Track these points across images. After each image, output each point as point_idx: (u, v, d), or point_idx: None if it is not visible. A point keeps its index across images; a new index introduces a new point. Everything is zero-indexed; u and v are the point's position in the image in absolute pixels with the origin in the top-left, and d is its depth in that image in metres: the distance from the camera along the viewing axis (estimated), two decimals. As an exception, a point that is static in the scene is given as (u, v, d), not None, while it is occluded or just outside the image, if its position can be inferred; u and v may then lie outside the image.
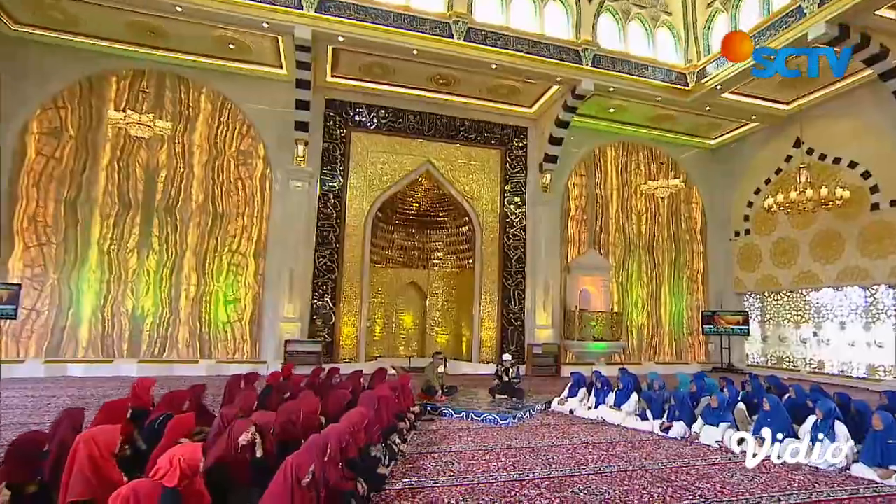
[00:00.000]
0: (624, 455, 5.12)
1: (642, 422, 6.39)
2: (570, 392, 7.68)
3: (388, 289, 14.00)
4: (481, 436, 5.78)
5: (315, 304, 11.33)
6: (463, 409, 6.80)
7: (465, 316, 13.57)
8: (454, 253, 14.14)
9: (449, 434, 5.81)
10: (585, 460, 4.90)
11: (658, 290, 14.28)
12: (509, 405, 7.23)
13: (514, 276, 12.86)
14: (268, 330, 11.00)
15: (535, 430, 6.17)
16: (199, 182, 11.08)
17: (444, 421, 6.58)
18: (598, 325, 12.62)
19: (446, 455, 4.88)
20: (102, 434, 3.08)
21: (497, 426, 6.35)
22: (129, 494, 2.50)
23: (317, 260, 11.44)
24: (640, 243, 14.20)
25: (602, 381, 7.31)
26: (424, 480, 4.15)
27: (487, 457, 4.86)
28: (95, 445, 3.02)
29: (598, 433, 6.14)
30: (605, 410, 6.89)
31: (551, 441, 5.66)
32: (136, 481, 2.64)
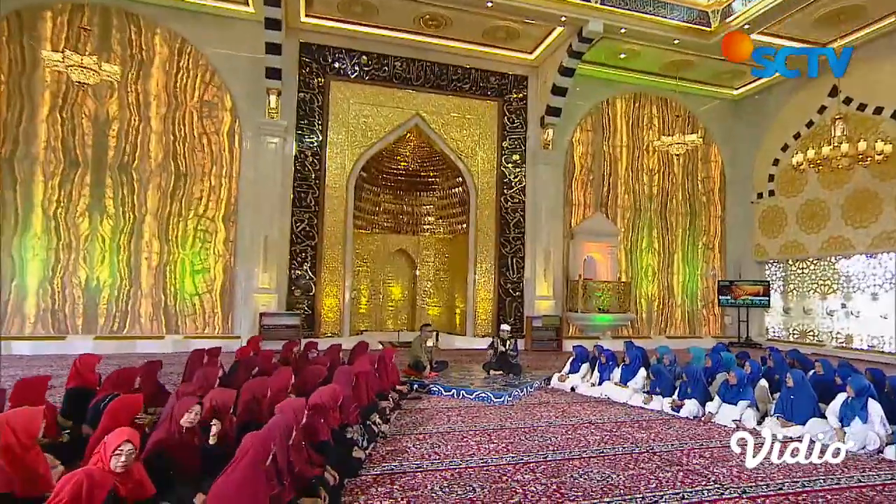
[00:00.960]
0: (630, 436, 5.08)
1: (651, 399, 6.35)
2: (572, 367, 7.65)
3: (374, 257, 13.95)
4: (472, 415, 5.75)
5: (293, 274, 11.19)
6: (453, 386, 6.77)
7: (458, 286, 13.51)
8: (446, 217, 14.02)
9: (437, 413, 5.78)
10: (587, 442, 4.85)
11: (670, 257, 14.22)
12: (505, 382, 7.20)
13: (512, 243, 12.75)
14: (241, 302, 10.86)
15: (532, 409, 6.13)
16: (158, 137, 10.67)
17: (433, 399, 6.55)
18: (604, 295, 12.57)
19: (432, 436, 4.83)
20: (19, 418, 2.85)
21: (490, 405, 6.31)
22: (82, 481, 2.31)
23: (294, 225, 11.23)
24: (651, 206, 14.05)
25: (607, 356, 7.25)
26: (406, 464, 4.07)
27: (478, 438, 4.80)
28: (11, 432, 2.78)
29: (601, 412, 6.10)
30: (610, 387, 6.85)
31: (550, 421, 5.62)
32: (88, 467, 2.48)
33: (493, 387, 6.78)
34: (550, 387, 7.52)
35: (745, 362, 6.46)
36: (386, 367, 6.74)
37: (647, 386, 6.65)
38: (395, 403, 6.01)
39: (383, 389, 6.19)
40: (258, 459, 2.87)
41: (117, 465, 2.73)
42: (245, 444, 2.91)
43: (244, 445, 2.90)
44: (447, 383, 6.97)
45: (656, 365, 6.75)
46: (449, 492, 3.54)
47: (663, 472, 4.05)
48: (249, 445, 2.90)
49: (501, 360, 7.85)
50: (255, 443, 2.92)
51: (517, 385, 6.96)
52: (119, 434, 2.81)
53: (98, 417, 3.75)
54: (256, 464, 2.87)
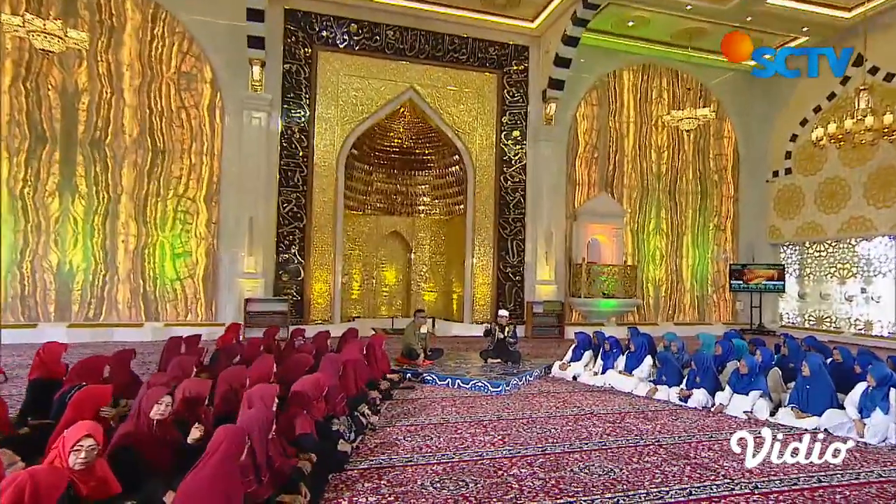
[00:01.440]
0: (634, 428, 5.04)
1: (657, 389, 6.30)
2: (574, 355, 7.61)
3: (366, 239, 13.93)
4: (468, 405, 5.72)
5: (280, 258, 11.12)
6: (448, 375, 6.75)
7: (455, 270, 13.50)
8: (443, 197, 13.96)
9: (430, 403, 5.75)
10: (588, 434, 4.80)
11: (679, 240, 14.19)
12: (503, 370, 7.17)
13: (512, 225, 12.68)
14: (225, 288, 10.81)
15: (531, 399, 6.11)
16: (132, 111, 10.47)
17: (426, 388, 6.53)
18: (609, 280, 12.55)
19: (425, 428, 4.80)
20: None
21: (487, 395, 6.28)
22: (25, 483, 2.18)
23: (281, 206, 11.13)
24: (659, 186, 13.97)
25: (611, 343, 7.20)
26: (396, 458, 4.02)
27: (473, 430, 4.78)
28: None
29: (604, 402, 6.07)
30: (614, 376, 6.80)
31: (549, 411, 5.59)
32: (33, 467, 2.36)
33: (490, 375, 6.75)
34: (551, 376, 7.50)
35: (757, 350, 6.45)
36: (376, 355, 6.74)
37: (654, 375, 6.62)
38: (386, 393, 5.98)
39: (373, 378, 6.15)
40: (231, 454, 2.78)
41: (76, 463, 2.62)
42: (217, 437, 2.81)
43: (216, 438, 2.80)
44: (442, 372, 6.93)
45: (663, 352, 6.71)
46: (440, 487, 3.48)
47: (669, 466, 3.99)
48: (222, 438, 2.80)
49: (499, 348, 7.81)
50: (228, 436, 2.82)
51: (515, 374, 6.92)
52: (78, 428, 2.70)
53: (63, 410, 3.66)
54: (230, 458, 2.77)
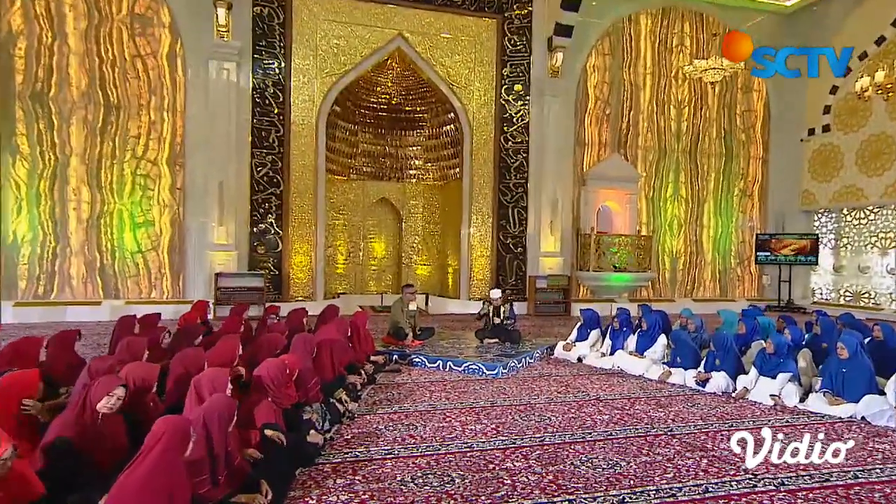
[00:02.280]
0: (644, 415, 4.99)
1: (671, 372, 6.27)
2: (579, 335, 7.55)
3: (352, 207, 13.84)
4: (460, 390, 5.71)
5: (255, 228, 11.03)
6: (439, 357, 6.77)
7: (451, 241, 13.48)
8: (436, 160, 13.85)
9: (417, 388, 5.75)
10: (593, 422, 4.75)
11: (700, 207, 14.14)
12: (500, 351, 7.18)
13: (513, 191, 12.58)
14: (193, 261, 10.73)
15: (529, 384, 6.09)
16: (79, 59, 10.13)
17: (415, 372, 6.55)
18: (621, 252, 12.53)
19: (410, 416, 4.78)
20: None
21: (482, 378, 6.27)
22: None
23: (255, 170, 10.98)
24: (679, 146, 13.84)
25: (621, 320, 7.17)
26: (375, 450, 3.96)
27: (464, 417, 4.76)
28: None
29: (611, 387, 6.06)
30: (624, 357, 6.77)
31: (550, 397, 5.56)
32: None
33: (485, 357, 6.76)
34: (553, 357, 7.50)
35: (785, 328, 6.37)
36: (359, 335, 6.65)
37: (668, 356, 6.57)
38: (369, 377, 5.93)
39: (355, 361, 6.07)
40: (173, 448, 2.61)
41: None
42: (157, 429, 2.66)
43: (155, 431, 2.65)
44: (432, 353, 6.93)
45: (678, 331, 6.66)
46: (422, 483, 3.41)
47: (683, 460, 3.91)
48: (162, 431, 2.64)
49: (497, 328, 7.85)
50: (169, 428, 2.66)
51: (514, 355, 6.90)
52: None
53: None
54: (171, 453, 2.61)
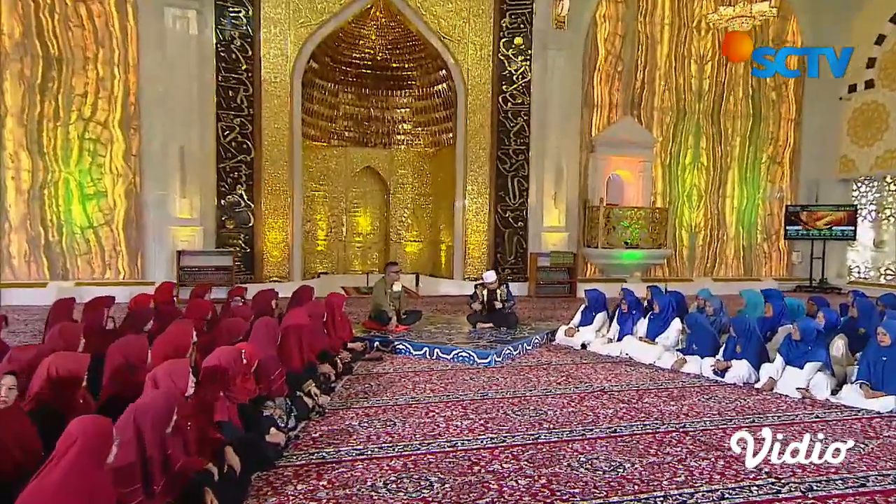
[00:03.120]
0: (654, 409, 4.93)
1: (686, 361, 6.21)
2: (584, 318, 7.55)
3: (333, 177, 13.86)
4: (447, 381, 5.69)
5: (223, 200, 10.98)
6: (426, 344, 6.77)
7: (444, 215, 13.52)
8: (427, 124, 13.85)
9: (399, 379, 5.74)
10: (595, 417, 4.68)
11: (723, 175, 14.07)
12: (494, 337, 7.19)
13: (513, 158, 12.51)
14: (153, 238, 10.71)
15: (526, 373, 6.07)
16: (10, 4, 9.92)
17: (398, 360, 6.56)
18: (633, 226, 12.52)
19: (388, 410, 4.76)
20: None
21: (473, 367, 6.26)
22: None
23: (221, 134, 10.88)
24: (700, 107, 13.73)
25: (630, 302, 7.13)
26: (345, 451, 3.88)
27: (449, 412, 4.73)
28: None
29: (619, 376, 6.02)
30: (633, 343, 6.73)
31: (548, 388, 5.52)
32: None
33: (477, 344, 6.77)
34: (555, 343, 7.52)
35: (817, 311, 6.33)
36: (334, 319, 6.65)
37: (682, 342, 6.53)
38: (345, 367, 5.91)
39: (330, 349, 6.03)
40: (90, 451, 2.42)
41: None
42: (71, 431, 2.49)
43: (69, 433, 2.49)
44: (418, 340, 6.93)
45: (694, 314, 6.61)
46: (395, 489, 3.33)
47: (697, 461, 3.82)
48: (77, 434, 2.48)
49: (492, 310, 7.84)
50: (85, 429, 2.49)
51: (509, 341, 6.91)
52: None
53: None
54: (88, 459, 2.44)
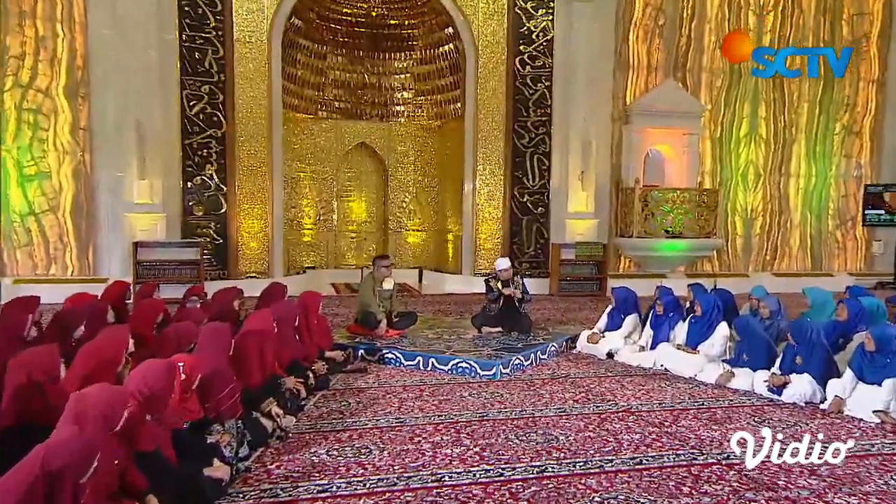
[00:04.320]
0: (692, 435, 4.71)
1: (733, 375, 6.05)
2: (610, 321, 7.45)
3: (321, 155, 13.92)
4: (441, 398, 5.58)
5: (190, 183, 11.04)
6: (420, 352, 6.70)
7: (451, 200, 13.63)
8: (431, 92, 13.89)
9: (385, 395, 5.64)
10: (617, 444, 4.48)
11: (787, 149, 13.97)
12: (503, 344, 7.13)
13: (531, 132, 12.47)
14: (106, 226, 10.75)
15: (538, 388, 5.94)
16: None
17: (387, 371, 6.52)
18: (677, 211, 12.43)
19: (365, 435, 4.61)
20: None
21: (474, 380, 6.18)
22: None
23: (186, 104, 10.92)
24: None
25: (666, 303, 6.97)
26: (304, 486, 3.72)
27: (440, 436, 4.58)
28: None
29: (650, 393, 5.86)
30: (670, 352, 6.60)
31: (562, 406, 5.36)
32: None
33: (481, 352, 6.71)
34: (576, 351, 7.46)
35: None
36: (309, 322, 6.53)
37: (731, 352, 6.42)
38: (319, 380, 5.81)
39: (303, 358, 5.94)
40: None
41: None
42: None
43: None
44: (410, 348, 6.88)
45: (745, 317, 6.50)
46: None
47: (743, 502, 3.61)
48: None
49: (504, 312, 7.73)
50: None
51: (520, 349, 6.84)
52: None
53: None
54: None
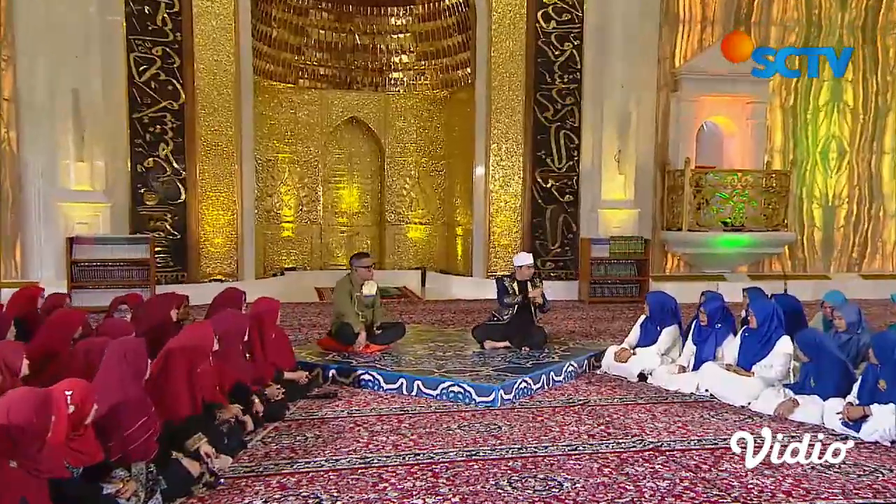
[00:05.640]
0: (737, 483, 4.47)
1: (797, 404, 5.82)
2: (644, 335, 7.35)
3: (303, 132, 14.02)
4: (423, 430, 5.46)
5: (140, 166, 11.09)
6: (403, 374, 6.63)
7: (460, 185, 13.79)
8: (435, 55, 14.01)
9: (353, 428, 5.50)
10: (638, 494, 4.25)
11: (880, 121, 13.90)
12: (508, 362, 7.05)
13: (557, 102, 12.48)
14: (35, 218, 10.85)
15: (545, 418, 5.80)
16: None
17: (361, 397, 6.42)
18: (738, 198, 12.40)
19: (318, 479, 4.47)
20: None
21: (469, 408, 6.08)
22: None
23: (134, 70, 10.96)
24: (844, 18, 13.47)
25: (711, 312, 6.85)
26: None
27: (411, 482, 4.43)
28: None
29: (687, 426, 5.66)
30: (717, 374, 6.44)
31: (573, 442, 5.20)
32: None
33: (479, 373, 6.61)
34: (601, 372, 7.39)
35: None
36: (263, 336, 6.45)
37: (794, 374, 6.28)
38: (271, 409, 5.68)
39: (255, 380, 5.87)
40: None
41: None
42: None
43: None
44: (392, 368, 6.81)
45: (813, 331, 6.30)
46: None
47: None
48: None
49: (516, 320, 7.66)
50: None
51: (529, 369, 6.72)
52: None
53: None
54: None
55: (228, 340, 5.72)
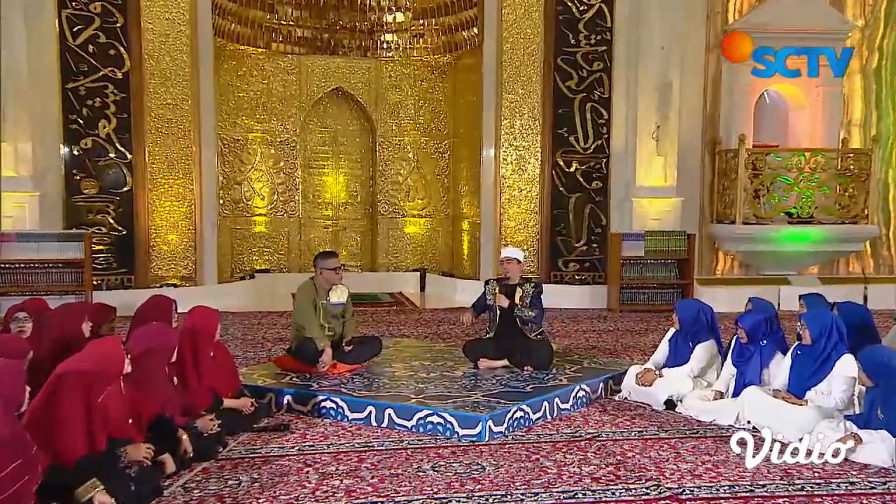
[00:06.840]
0: None
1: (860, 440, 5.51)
2: (673, 353, 7.29)
3: (278, 106, 14.29)
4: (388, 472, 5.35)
5: (76, 147, 11.27)
6: (371, 401, 6.56)
7: (466, 171, 14.09)
8: (435, 14, 14.27)
9: (303, 469, 5.38)
10: None
11: None
12: (503, 386, 7.02)
13: (582, 68, 12.61)
14: None
15: (543, 457, 5.67)
16: None
17: (320, 429, 6.34)
18: (806, 184, 12.57)
19: None
20: None
21: (450, 444, 5.97)
22: None
23: (67, 33, 11.10)
24: None
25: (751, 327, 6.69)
26: None
27: None
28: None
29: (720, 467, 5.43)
30: (760, 402, 6.29)
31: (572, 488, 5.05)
32: None
33: (466, 399, 6.54)
34: (621, 397, 7.34)
35: None
36: (198, 355, 6.37)
37: (859, 404, 6.08)
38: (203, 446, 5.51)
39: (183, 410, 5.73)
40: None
41: None
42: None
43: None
44: (362, 393, 6.74)
45: (880, 349, 6.06)
46: None
47: None
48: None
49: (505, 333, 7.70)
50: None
51: (527, 395, 6.65)
52: None
53: None
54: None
55: (150, 361, 5.57)
